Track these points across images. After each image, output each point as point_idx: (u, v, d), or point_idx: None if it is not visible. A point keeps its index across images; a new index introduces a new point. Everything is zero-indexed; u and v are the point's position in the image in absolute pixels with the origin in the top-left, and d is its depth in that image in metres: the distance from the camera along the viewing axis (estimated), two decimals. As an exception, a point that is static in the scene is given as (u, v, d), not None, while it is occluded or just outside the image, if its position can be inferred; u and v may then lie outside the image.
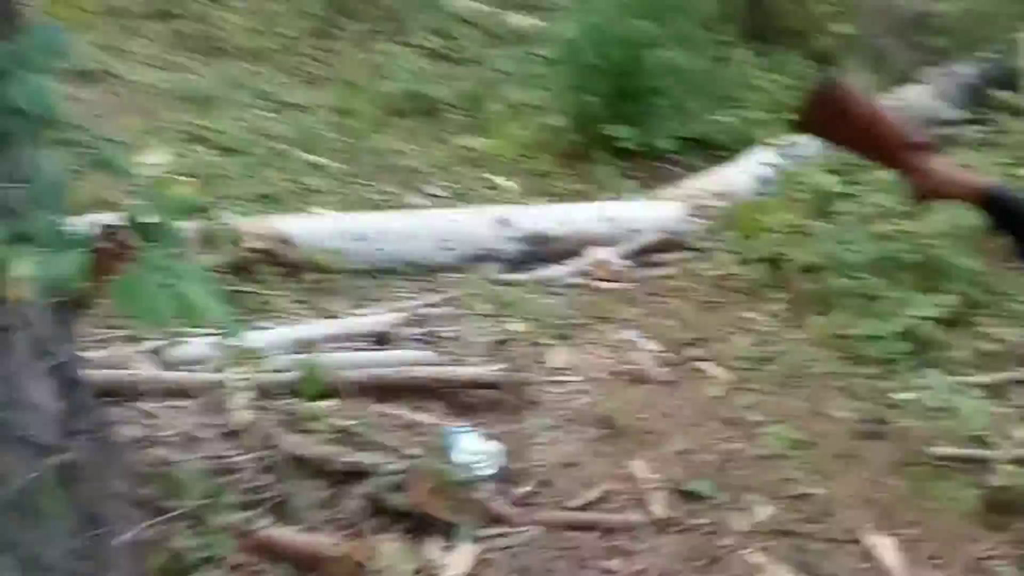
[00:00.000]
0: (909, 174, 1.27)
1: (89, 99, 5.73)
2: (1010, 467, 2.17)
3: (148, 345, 2.48)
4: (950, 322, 2.92)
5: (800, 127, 1.38)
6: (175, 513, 1.76)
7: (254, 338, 2.73)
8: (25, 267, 1.13)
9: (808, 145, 4.39)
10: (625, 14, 5.39)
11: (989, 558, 1.98)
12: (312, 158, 5.09)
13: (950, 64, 5.84)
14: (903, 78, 5.95)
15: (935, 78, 5.75)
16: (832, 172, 3.77)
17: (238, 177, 4.58)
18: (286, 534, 1.85)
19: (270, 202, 4.38)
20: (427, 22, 7.46)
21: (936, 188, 1.25)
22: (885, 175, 3.41)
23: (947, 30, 6.67)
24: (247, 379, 2.32)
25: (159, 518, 1.74)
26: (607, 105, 5.30)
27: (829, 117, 1.31)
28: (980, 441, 2.29)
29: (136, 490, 1.77)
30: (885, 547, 1.99)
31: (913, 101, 5.42)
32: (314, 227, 3.64)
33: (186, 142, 5.03)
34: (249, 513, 1.87)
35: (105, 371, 2.26)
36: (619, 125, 5.20)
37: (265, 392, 2.32)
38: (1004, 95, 4.66)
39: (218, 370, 2.37)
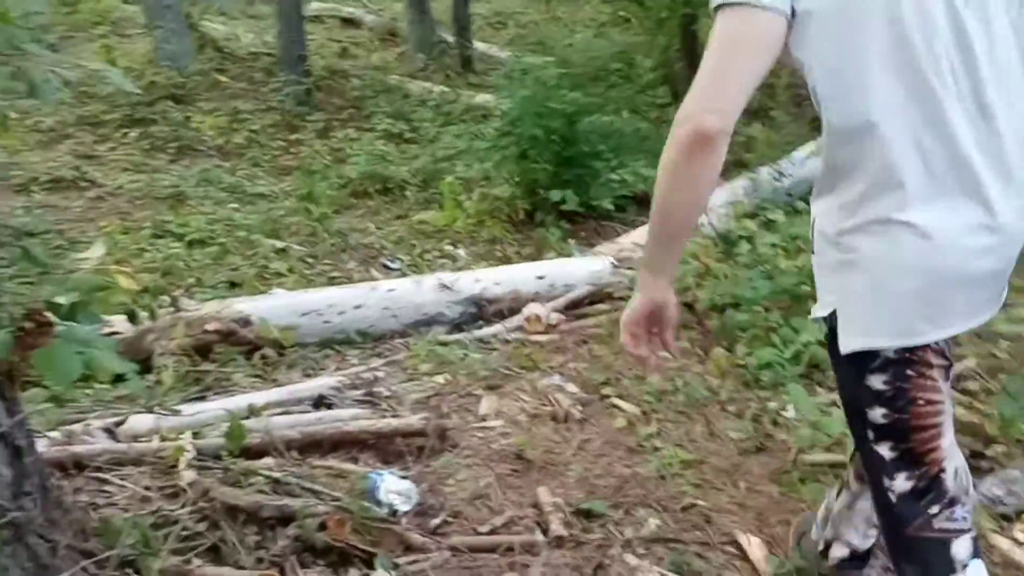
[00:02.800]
0: None
1: (69, 206, 6.12)
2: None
3: (101, 423, 2.76)
4: (840, 345, 3.20)
5: None
6: (118, 560, 2.01)
7: (204, 409, 3.04)
8: (-43, 347, 1.43)
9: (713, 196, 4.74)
10: (560, 86, 5.80)
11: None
12: (276, 243, 5.43)
13: None
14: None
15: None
16: (741, 217, 4.10)
17: (204, 266, 4.91)
18: (218, 571, 2.10)
19: (235, 287, 4.70)
20: (386, 107, 7.91)
21: None
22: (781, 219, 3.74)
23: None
24: (192, 445, 2.60)
25: (104, 565, 1.99)
26: (550, 172, 5.67)
27: None
28: (842, 447, 2.55)
29: (83, 542, 2.03)
30: (754, 545, 2.24)
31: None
32: (270, 306, 3.93)
33: (157, 238, 5.37)
34: (185, 557, 2.13)
35: (63, 447, 2.54)
36: (562, 190, 5.56)
37: (208, 455, 2.59)
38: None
39: (164, 439, 2.64)
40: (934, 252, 1.40)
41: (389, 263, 5.26)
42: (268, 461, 2.60)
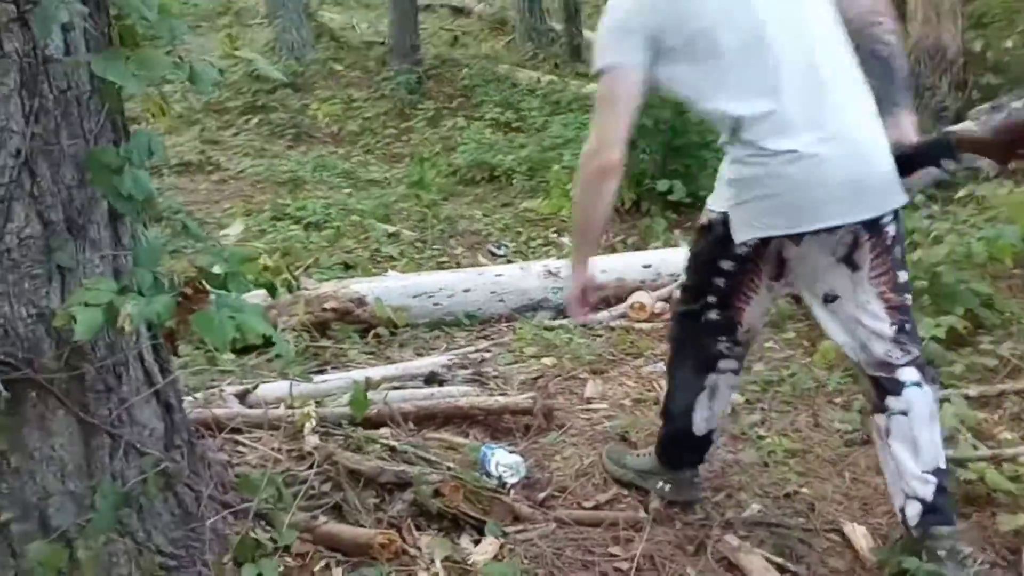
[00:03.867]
0: None
1: (196, 188, 6.49)
2: (981, 464, 2.40)
3: (235, 389, 2.97)
4: (953, 341, 3.15)
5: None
6: (254, 512, 2.18)
7: (325, 379, 3.22)
8: (129, 309, 1.60)
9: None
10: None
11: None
12: (388, 228, 5.63)
13: (999, 100, 5.97)
14: (953, 116, 6.13)
15: (983, 114, 5.90)
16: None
17: (320, 248, 5.14)
18: (342, 528, 2.26)
19: (349, 269, 4.91)
20: (495, 96, 8.06)
21: None
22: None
23: (999, 68, 6.83)
24: (316, 413, 2.77)
25: (241, 516, 2.17)
26: (658, 162, 5.68)
27: None
28: (954, 442, 2.52)
29: (223, 494, 2.22)
30: (858, 533, 2.26)
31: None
32: (384, 288, 4.10)
33: (276, 220, 5.65)
34: (312, 513, 2.29)
35: (202, 410, 2.75)
36: (669, 180, 5.57)
37: (330, 422, 2.76)
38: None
39: (292, 407, 2.82)
40: (784, 169, 1.88)
41: (495, 249, 5.39)
42: (385, 431, 2.76)
